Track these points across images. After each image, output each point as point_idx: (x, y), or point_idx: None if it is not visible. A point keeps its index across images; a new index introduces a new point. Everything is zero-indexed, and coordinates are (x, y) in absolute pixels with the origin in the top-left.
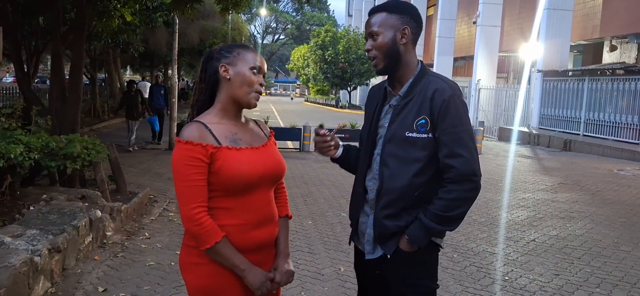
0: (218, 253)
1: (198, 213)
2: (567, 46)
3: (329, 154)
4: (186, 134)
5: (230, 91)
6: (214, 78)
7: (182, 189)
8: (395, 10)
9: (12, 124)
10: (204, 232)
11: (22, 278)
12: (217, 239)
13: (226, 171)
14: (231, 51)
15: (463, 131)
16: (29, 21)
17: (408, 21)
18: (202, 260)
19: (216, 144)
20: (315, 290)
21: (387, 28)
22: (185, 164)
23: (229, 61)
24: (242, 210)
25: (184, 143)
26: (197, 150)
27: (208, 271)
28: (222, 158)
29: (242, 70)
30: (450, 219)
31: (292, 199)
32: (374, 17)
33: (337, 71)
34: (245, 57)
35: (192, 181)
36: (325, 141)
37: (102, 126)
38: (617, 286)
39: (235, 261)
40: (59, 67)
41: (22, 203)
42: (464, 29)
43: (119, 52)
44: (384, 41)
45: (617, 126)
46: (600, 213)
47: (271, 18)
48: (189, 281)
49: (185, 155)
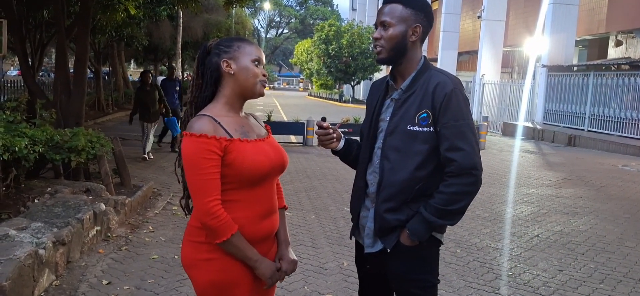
0: (233, 245)
1: (215, 205)
2: (573, 41)
3: (331, 146)
4: (198, 128)
5: (235, 85)
6: (216, 74)
7: (198, 183)
8: (411, 4)
9: (16, 117)
10: (221, 225)
11: (27, 271)
12: (233, 231)
13: (240, 163)
14: (231, 45)
15: (464, 124)
16: (33, 14)
17: (421, 19)
18: (213, 255)
19: (228, 136)
20: (318, 284)
21: (400, 21)
22: (201, 157)
23: (231, 56)
24: (251, 202)
25: (198, 136)
26: (212, 143)
27: (219, 266)
28: (235, 150)
29: (245, 63)
30: (451, 213)
31: (295, 194)
32: (388, 6)
33: (341, 65)
34: (246, 50)
35: (209, 174)
36: (328, 133)
37: (106, 120)
38: (621, 282)
39: (248, 253)
40: (63, 60)
41: (26, 196)
42: (469, 23)
43: (123, 46)
44: (394, 34)
45: (622, 122)
46: (605, 208)
47: (275, 12)
48: (198, 278)
49: (201, 148)
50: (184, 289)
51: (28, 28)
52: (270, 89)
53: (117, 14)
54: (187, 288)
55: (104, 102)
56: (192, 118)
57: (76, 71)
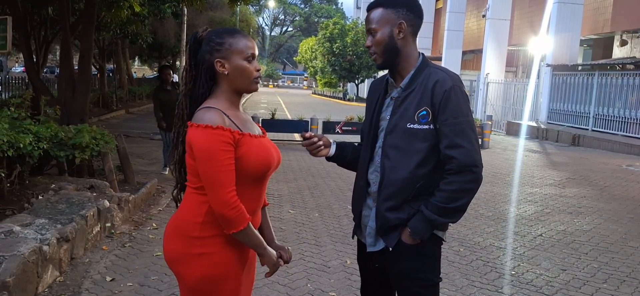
0: (247, 234)
1: (233, 196)
2: (577, 40)
3: (320, 154)
4: (210, 119)
5: (231, 83)
6: (211, 72)
7: (217, 174)
8: (390, 4)
9: (21, 113)
10: (239, 214)
11: (30, 267)
12: (249, 220)
13: (249, 157)
14: (222, 43)
15: (464, 121)
16: (38, 11)
17: (404, 14)
18: (209, 250)
19: (239, 130)
20: (322, 282)
21: (384, 24)
22: (219, 149)
23: (223, 55)
24: (250, 198)
25: (214, 128)
26: (227, 135)
27: (213, 261)
28: (246, 144)
29: (238, 63)
30: (452, 211)
31: (299, 192)
32: (371, 13)
33: (345, 63)
34: (237, 47)
35: (227, 166)
36: (312, 142)
37: (110, 117)
38: (624, 282)
39: (258, 241)
40: (67, 57)
41: (31, 193)
42: (473, 22)
43: (127, 43)
44: (381, 37)
45: (626, 121)
46: (609, 208)
47: (279, 10)
48: (188, 273)
49: (218, 140)
50: None
51: (33, 25)
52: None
53: (121, 11)
54: None
55: (108, 100)
56: (187, 110)
57: (80, 68)
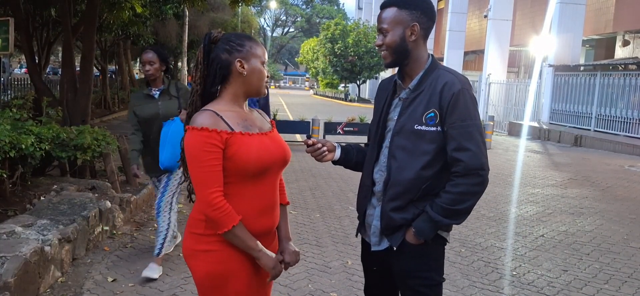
0: (236, 235)
1: (216, 197)
2: (579, 41)
3: (325, 160)
4: (200, 121)
5: (244, 84)
6: (225, 71)
7: (199, 175)
8: (406, 5)
9: (23, 114)
10: (223, 215)
11: (32, 267)
12: (235, 222)
13: (241, 155)
14: (243, 45)
15: (471, 125)
16: (40, 13)
17: (418, 17)
18: (212, 247)
19: (229, 130)
20: (323, 282)
21: (396, 25)
22: (202, 150)
23: (244, 56)
24: (252, 197)
25: (199, 130)
26: (213, 136)
27: (218, 258)
28: (236, 143)
29: (256, 66)
30: (457, 213)
31: (300, 192)
32: (384, 12)
33: (347, 64)
34: (256, 51)
35: (210, 167)
36: (316, 148)
37: (112, 118)
38: (626, 282)
39: (250, 244)
40: (69, 58)
41: (33, 193)
42: (475, 22)
43: (129, 44)
44: (392, 39)
45: (628, 122)
46: (610, 209)
47: (281, 11)
48: (197, 268)
49: (202, 141)
50: (189, 286)
51: (35, 26)
52: (276, 88)
53: (123, 12)
54: (191, 285)
55: (110, 101)
56: (197, 111)
57: (82, 69)
